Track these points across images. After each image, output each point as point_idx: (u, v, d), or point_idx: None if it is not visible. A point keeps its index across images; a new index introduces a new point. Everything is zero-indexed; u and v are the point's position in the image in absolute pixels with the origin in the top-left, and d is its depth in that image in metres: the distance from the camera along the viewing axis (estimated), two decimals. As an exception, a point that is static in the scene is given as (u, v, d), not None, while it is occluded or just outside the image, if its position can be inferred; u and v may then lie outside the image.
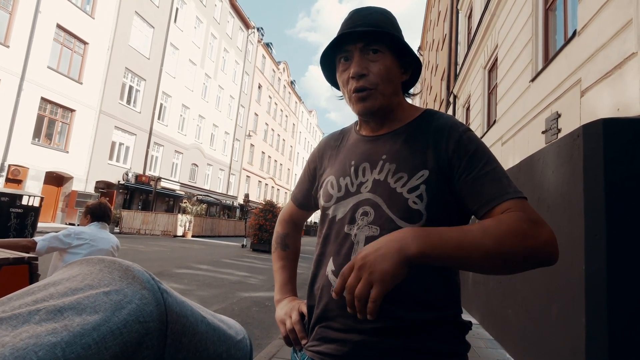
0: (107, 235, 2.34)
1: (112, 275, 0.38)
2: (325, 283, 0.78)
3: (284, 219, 1.03)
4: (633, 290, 1.94)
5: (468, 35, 11.22)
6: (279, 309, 0.90)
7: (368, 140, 0.83)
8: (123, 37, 17.36)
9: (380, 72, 0.76)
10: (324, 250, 0.82)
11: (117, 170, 17.98)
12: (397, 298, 0.67)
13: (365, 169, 0.79)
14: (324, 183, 0.86)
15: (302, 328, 0.83)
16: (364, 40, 0.76)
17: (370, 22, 0.77)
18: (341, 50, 0.79)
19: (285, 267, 0.98)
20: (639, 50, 2.80)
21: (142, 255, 8.99)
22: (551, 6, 5.21)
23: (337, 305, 0.73)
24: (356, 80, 0.76)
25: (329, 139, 0.94)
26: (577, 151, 2.27)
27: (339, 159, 0.86)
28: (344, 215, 0.78)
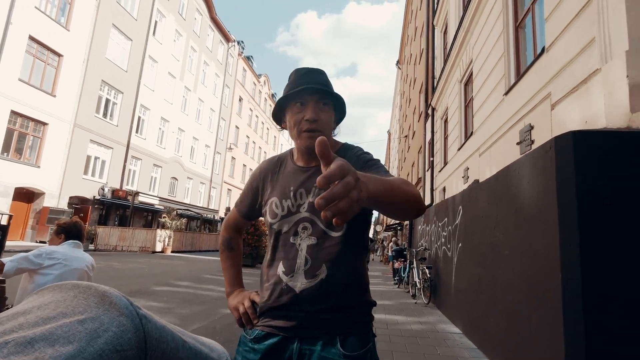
0: (81, 254, 2.24)
1: (88, 301, 0.36)
2: (276, 280, 1.00)
3: (229, 225, 1.24)
4: (608, 297, 2.00)
5: (444, 50, 11.61)
6: (231, 299, 1.13)
7: (303, 171, 1.07)
8: (100, 49, 17.04)
9: (327, 120, 1.04)
10: (274, 257, 1.05)
11: (93, 185, 17.40)
12: (331, 287, 0.96)
13: (302, 194, 1.04)
14: (269, 202, 1.08)
15: (253, 311, 1.05)
16: (319, 94, 1.02)
17: (322, 82, 1.05)
18: (300, 97, 1.03)
19: (233, 265, 1.22)
20: (602, 67, 2.97)
21: (119, 273, 8.65)
22: (521, 24, 5.47)
23: (287, 296, 0.97)
24: (310, 122, 1.00)
25: (268, 163, 1.17)
26: (549, 162, 2.36)
27: (279, 183, 1.09)
28: (289, 229, 1.03)
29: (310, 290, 0.96)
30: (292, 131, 1.05)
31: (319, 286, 0.96)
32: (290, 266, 0.99)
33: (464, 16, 8.06)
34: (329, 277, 0.97)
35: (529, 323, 2.60)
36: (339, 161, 0.52)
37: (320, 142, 0.53)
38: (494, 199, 3.43)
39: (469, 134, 7.96)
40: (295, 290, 0.97)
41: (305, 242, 1.00)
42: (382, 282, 10.63)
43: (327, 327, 0.95)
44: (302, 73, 1.07)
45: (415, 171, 18.48)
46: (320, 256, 0.98)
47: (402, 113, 29.01)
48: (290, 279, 0.98)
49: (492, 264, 3.43)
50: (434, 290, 6.42)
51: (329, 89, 1.04)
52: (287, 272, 0.99)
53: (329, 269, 0.97)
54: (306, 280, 0.97)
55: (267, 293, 1.02)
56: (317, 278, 0.97)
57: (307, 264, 0.98)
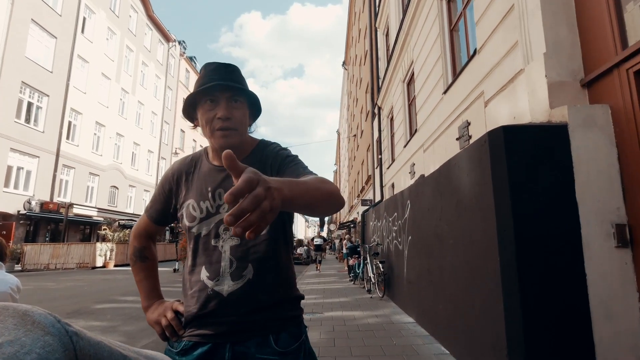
0: (3, 275, 1.98)
1: (4, 323, 0.31)
2: (201, 287, 0.96)
3: (139, 233, 1.15)
4: (541, 276, 2.21)
5: (387, 51, 12.08)
6: (150, 312, 1.05)
7: (220, 170, 1.03)
8: (17, 47, 15.30)
9: (240, 118, 1.00)
10: (195, 262, 0.99)
11: (16, 199, 15.58)
12: (259, 287, 0.95)
13: (221, 194, 1.00)
14: (185, 205, 1.03)
15: (178, 322, 0.99)
16: (231, 91, 0.98)
17: (234, 78, 1.00)
18: (210, 94, 0.98)
19: (149, 277, 1.13)
20: (525, 67, 3.28)
21: (53, 294, 7.85)
22: (455, 27, 5.86)
23: (214, 302, 0.94)
24: (222, 120, 0.96)
25: (181, 164, 1.11)
26: (484, 155, 2.55)
27: (195, 185, 1.04)
28: (209, 232, 0.99)
29: (238, 292, 0.93)
30: (205, 129, 1.00)
31: (247, 287, 0.94)
32: (214, 270, 0.96)
33: (403, 19, 8.45)
34: (255, 277, 0.95)
35: (473, 306, 2.79)
36: (248, 173, 0.51)
37: (227, 156, 0.52)
38: (438, 192, 3.63)
39: (413, 131, 8.36)
40: (222, 295, 0.94)
41: (227, 243, 0.97)
42: (338, 280, 10.79)
43: (259, 328, 0.94)
44: (211, 68, 1.01)
45: (365, 169, 19.03)
46: (246, 256, 0.96)
47: (350, 113, 29.71)
48: (216, 284, 0.95)
49: (439, 253, 3.63)
50: (387, 283, 6.66)
51: (242, 86, 1.00)
52: (211, 277, 0.96)
53: (255, 268, 0.95)
54: (233, 282, 0.94)
55: (193, 301, 0.96)
56: (244, 279, 0.94)
57: (232, 266, 0.95)
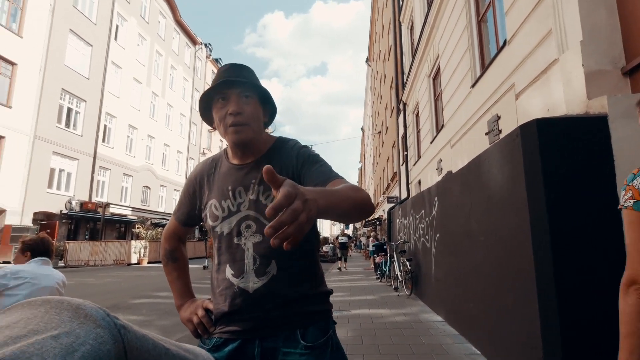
0: (50, 271, 2.13)
1: (61, 316, 0.34)
2: (227, 285, 0.98)
3: (169, 236, 1.19)
4: (578, 274, 2.11)
5: (411, 45, 11.85)
6: (183, 311, 1.10)
7: (239, 169, 1.05)
8: (57, 56, 16.22)
9: (252, 113, 1.00)
10: (220, 260, 1.02)
11: (59, 199, 16.56)
12: (284, 282, 0.95)
13: (241, 192, 1.02)
14: (208, 205, 1.06)
15: (208, 320, 1.02)
16: (241, 87, 0.99)
17: (244, 75, 1.02)
18: (221, 92, 1.00)
19: (180, 277, 1.18)
20: (560, 57, 3.12)
21: (93, 289, 8.30)
22: (483, 18, 5.67)
23: (240, 299, 0.96)
24: (233, 116, 0.97)
25: (202, 166, 1.14)
26: (516, 149, 2.46)
27: (216, 185, 1.07)
28: (231, 230, 1.00)
29: (263, 288, 0.95)
30: (219, 128, 1.02)
31: (271, 283, 0.95)
32: (238, 268, 0.97)
33: (428, 12, 8.26)
34: (279, 272, 0.96)
35: (505, 305, 2.70)
36: (286, 187, 0.53)
37: (266, 171, 0.54)
38: (467, 188, 3.54)
39: (440, 126, 8.17)
40: (248, 291, 0.95)
41: (250, 240, 0.98)
42: (364, 278, 10.74)
43: (286, 323, 0.95)
44: (223, 69, 1.04)
45: (391, 166, 18.79)
46: (268, 252, 0.96)
47: (374, 109, 29.39)
48: (241, 281, 0.96)
49: (468, 251, 3.54)
50: (415, 281, 6.56)
51: (250, 81, 1.02)
52: (236, 274, 0.97)
53: (278, 264, 0.96)
54: (257, 279, 0.95)
55: (221, 299, 0.99)
56: (269, 275, 0.96)
57: (255, 263, 0.97)
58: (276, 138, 1.11)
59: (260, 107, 1.04)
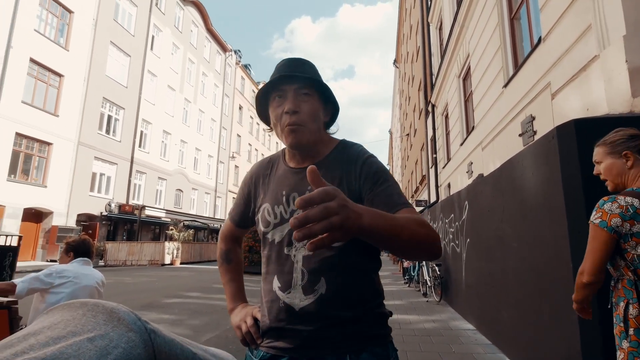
0: (90, 271, 2.26)
1: (96, 319, 0.36)
2: (273, 298, 0.91)
3: (225, 236, 1.16)
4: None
5: (440, 46, 11.60)
6: (234, 316, 1.04)
7: (295, 172, 0.97)
8: (99, 67, 17.25)
9: (311, 111, 0.91)
10: (268, 269, 0.95)
11: (99, 202, 17.54)
12: (333, 303, 0.86)
13: (295, 198, 0.92)
14: (261, 209, 1.00)
15: (256, 330, 0.96)
16: (299, 83, 0.91)
17: (303, 70, 0.93)
18: (278, 89, 0.92)
19: (233, 279, 1.13)
20: (600, 53, 2.95)
21: (130, 288, 8.69)
22: (515, 15, 5.46)
23: (286, 315, 0.88)
24: (289, 115, 0.90)
25: (259, 166, 1.07)
26: (553, 152, 2.34)
27: (271, 188, 1.00)
28: (282, 238, 0.93)
29: (310, 307, 0.86)
30: (276, 129, 0.95)
31: (319, 302, 0.86)
32: (286, 281, 0.90)
33: (458, 11, 8.06)
34: (328, 292, 0.87)
35: (541, 313, 2.57)
36: (328, 188, 0.50)
37: (311, 171, 0.51)
38: (499, 192, 3.41)
39: (470, 128, 7.93)
40: (294, 308, 0.88)
41: (300, 252, 0.90)
42: (392, 282, 10.58)
43: (335, 346, 0.86)
44: (281, 64, 0.96)
45: (419, 169, 18.42)
46: (318, 268, 0.88)
47: (402, 111, 28.97)
48: (287, 296, 0.89)
49: (501, 257, 3.40)
50: (444, 287, 6.38)
51: (310, 75, 0.92)
52: (283, 288, 0.90)
53: (327, 282, 0.87)
54: (304, 296, 0.87)
55: (267, 311, 0.93)
56: (317, 293, 0.87)
57: (304, 278, 0.88)
58: (339, 141, 1.01)
59: (321, 106, 0.95)
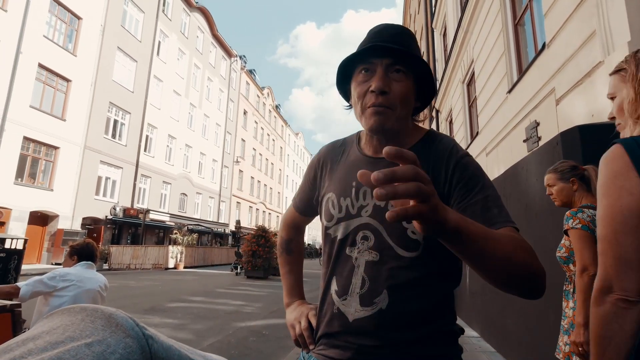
0: (94, 274, 2.27)
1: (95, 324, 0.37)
2: (329, 301, 0.81)
3: (287, 224, 1.05)
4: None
5: (444, 51, 11.62)
6: (289, 312, 0.96)
7: (371, 162, 0.82)
8: (106, 72, 17.45)
9: (401, 93, 0.76)
10: (327, 269, 0.84)
11: (104, 205, 17.65)
12: (393, 321, 0.73)
13: (367, 193, 0.79)
14: (325, 199, 0.86)
15: (310, 334, 0.87)
16: (392, 57, 0.75)
17: (400, 42, 0.76)
18: (365, 61, 0.77)
19: (292, 271, 1.03)
20: (605, 59, 2.94)
21: (133, 291, 8.71)
22: (519, 21, 5.46)
23: (338, 323, 0.78)
24: (376, 95, 0.74)
25: (330, 149, 0.93)
26: (557, 157, 2.33)
27: (339, 176, 0.86)
28: (345, 237, 0.80)
29: (365, 321, 0.74)
30: (356, 108, 0.80)
31: (377, 318, 0.73)
32: (343, 286, 0.78)
33: (462, 17, 8.08)
34: (390, 308, 0.73)
35: (547, 322, 2.54)
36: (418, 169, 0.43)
37: (388, 152, 0.43)
38: (503, 197, 3.39)
39: (474, 134, 7.90)
40: (347, 318, 0.76)
41: (363, 256, 0.77)
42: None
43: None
44: (375, 30, 0.80)
45: (423, 174, 18.34)
46: (382, 279, 0.74)
47: (406, 116, 28.93)
48: (342, 302, 0.78)
49: (506, 264, 3.37)
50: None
51: (406, 49, 0.75)
52: (339, 293, 0.79)
53: (391, 296, 0.73)
54: (361, 307, 0.75)
55: (321, 313, 0.84)
56: (375, 307, 0.74)
57: (363, 286, 0.76)
58: (426, 130, 0.86)
59: (414, 88, 0.79)
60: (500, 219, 0.68)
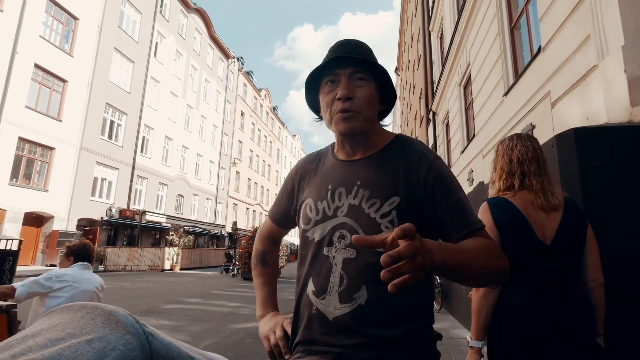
0: (90, 275, 2.26)
1: (95, 321, 0.37)
2: (306, 303, 0.82)
3: (263, 236, 1.07)
4: (618, 297, 1.97)
5: (441, 54, 11.68)
6: (262, 324, 0.95)
7: (344, 165, 0.87)
8: (103, 73, 17.38)
9: (366, 97, 0.81)
10: (303, 271, 0.85)
11: (100, 206, 17.54)
12: (372, 317, 0.75)
13: (341, 194, 0.83)
14: (303, 206, 0.89)
15: (285, 344, 0.86)
16: (354, 67, 0.82)
17: (360, 52, 0.84)
18: (330, 73, 0.83)
19: (266, 284, 1.03)
20: (599, 63, 2.97)
21: (129, 293, 8.65)
22: (515, 25, 5.50)
23: (317, 324, 0.79)
24: (342, 101, 0.80)
25: (305, 160, 0.98)
26: (552, 160, 2.35)
27: (316, 182, 0.90)
28: (322, 237, 0.83)
29: (345, 318, 0.75)
30: (325, 116, 0.85)
31: (356, 314, 0.75)
32: (321, 285, 0.79)
33: (459, 20, 8.13)
34: (369, 303, 0.75)
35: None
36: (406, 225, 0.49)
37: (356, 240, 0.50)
38: (500, 200, 3.40)
39: (471, 136, 7.94)
40: (327, 317, 0.77)
41: (340, 254, 0.79)
42: (393, 290, 10.51)
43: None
44: (335, 46, 0.86)
45: (420, 176, 18.36)
46: (360, 275, 0.76)
47: (403, 119, 29.05)
48: (321, 302, 0.78)
49: (502, 266, 3.38)
50: (445, 295, 6.34)
51: (366, 58, 0.82)
52: (317, 293, 0.79)
53: (369, 291, 0.75)
54: (340, 304, 0.76)
55: (298, 317, 0.84)
56: (355, 303, 0.75)
57: (342, 284, 0.77)
58: (396, 135, 0.90)
59: (377, 93, 0.84)
60: (472, 222, 0.77)
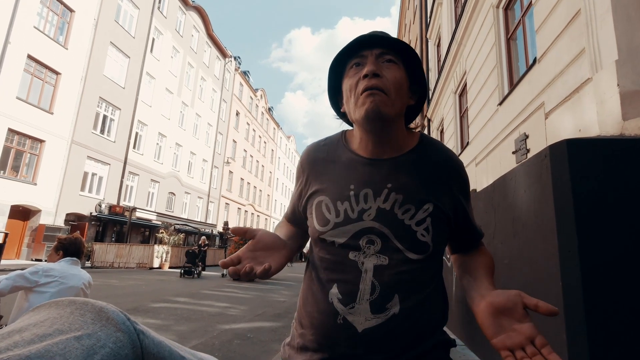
0: (78, 271, 2.22)
1: (84, 317, 0.36)
2: (329, 311, 0.73)
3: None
4: (610, 304, 1.99)
5: (438, 62, 11.79)
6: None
7: (368, 164, 0.79)
8: (97, 67, 17.19)
9: (395, 79, 0.74)
10: (324, 274, 0.77)
11: (90, 202, 17.30)
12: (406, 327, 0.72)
13: (368, 196, 0.76)
14: (317, 204, 0.80)
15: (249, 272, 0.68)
16: (382, 47, 0.76)
17: (389, 37, 0.78)
18: (355, 55, 0.76)
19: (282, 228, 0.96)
20: (593, 76, 3.02)
21: (117, 291, 8.53)
22: (512, 36, 5.58)
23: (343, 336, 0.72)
24: (369, 79, 0.72)
25: (314, 150, 0.87)
26: (545, 170, 2.37)
27: (332, 179, 0.80)
28: (346, 241, 0.75)
29: (377, 330, 0.70)
30: (349, 103, 0.77)
31: (390, 325, 0.70)
32: (349, 293, 0.72)
33: (456, 29, 8.22)
34: (402, 313, 0.71)
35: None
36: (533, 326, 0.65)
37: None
38: (491, 208, 3.43)
39: (465, 144, 8.02)
40: (355, 328, 0.70)
41: (371, 261, 0.73)
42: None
43: None
44: (360, 35, 0.80)
45: (413, 182, 18.49)
46: (393, 282, 0.72)
47: (398, 124, 29.21)
48: (349, 311, 0.71)
49: (492, 273, 3.41)
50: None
51: (395, 40, 0.75)
52: (344, 301, 0.72)
53: (402, 301, 0.71)
54: (372, 315, 0.70)
55: (313, 326, 0.76)
56: (388, 313, 0.71)
57: (374, 292, 0.71)
58: (420, 133, 0.85)
59: (407, 79, 0.77)
60: (478, 233, 0.88)
